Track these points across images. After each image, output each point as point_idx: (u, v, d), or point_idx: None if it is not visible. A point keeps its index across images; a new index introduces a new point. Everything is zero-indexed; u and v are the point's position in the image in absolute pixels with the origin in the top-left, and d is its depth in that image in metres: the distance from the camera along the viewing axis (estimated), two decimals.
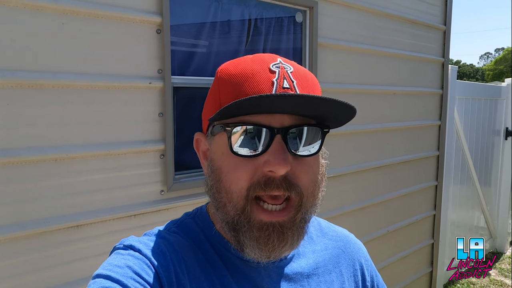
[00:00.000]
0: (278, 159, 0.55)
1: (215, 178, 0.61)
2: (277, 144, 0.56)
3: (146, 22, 1.60)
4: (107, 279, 0.54)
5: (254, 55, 0.64)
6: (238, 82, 0.58)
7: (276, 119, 0.57)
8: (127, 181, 1.59)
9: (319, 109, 0.56)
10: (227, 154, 0.59)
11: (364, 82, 2.64)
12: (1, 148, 1.31)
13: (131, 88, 1.58)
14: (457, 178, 4.21)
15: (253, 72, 0.59)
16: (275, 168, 0.55)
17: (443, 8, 3.29)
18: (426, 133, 3.30)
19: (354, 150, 2.63)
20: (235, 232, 0.59)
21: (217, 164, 0.61)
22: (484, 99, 4.65)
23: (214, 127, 0.62)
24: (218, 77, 0.63)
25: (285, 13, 2.17)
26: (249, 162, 0.57)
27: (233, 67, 0.62)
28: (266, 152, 0.56)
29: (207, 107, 0.65)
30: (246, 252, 0.59)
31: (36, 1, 1.34)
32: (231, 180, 0.58)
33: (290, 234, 0.58)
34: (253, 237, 0.57)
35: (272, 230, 0.57)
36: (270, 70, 0.59)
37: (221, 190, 0.59)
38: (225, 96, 0.59)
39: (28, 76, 1.34)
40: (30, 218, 1.37)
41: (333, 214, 2.42)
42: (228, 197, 0.58)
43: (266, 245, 0.57)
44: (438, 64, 3.33)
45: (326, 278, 0.70)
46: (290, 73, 0.59)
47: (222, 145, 0.60)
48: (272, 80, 0.57)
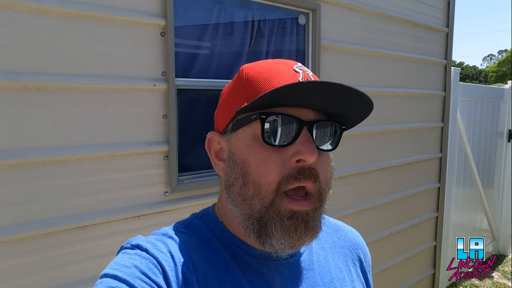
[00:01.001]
0: (309, 148, 0.58)
1: (240, 172, 0.61)
2: (305, 135, 0.59)
3: (150, 24, 1.61)
4: (114, 279, 0.55)
5: (275, 59, 0.66)
6: (266, 77, 0.61)
7: (303, 113, 0.60)
8: (131, 182, 1.60)
9: (345, 102, 0.60)
10: (253, 147, 0.60)
11: (367, 84, 2.65)
12: (7, 149, 1.33)
13: (135, 90, 1.59)
14: (460, 180, 4.20)
15: (279, 71, 0.61)
16: (306, 156, 0.58)
17: (445, 10, 3.29)
18: (428, 135, 3.30)
19: (357, 152, 2.64)
20: (261, 225, 0.59)
21: (242, 157, 0.61)
22: (487, 101, 4.64)
23: (237, 121, 0.62)
24: (242, 74, 0.64)
25: (288, 15, 2.18)
26: (277, 155, 0.59)
27: (258, 66, 0.64)
28: (295, 143, 0.59)
29: (229, 104, 0.65)
30: (271, 244, 0.59)
31: (41, 5, 1.36)
32: (260, 173, 0.59)
33: (312, 224, 0.60)
34: (284, 226, 0.58)
35: (300, 218, 0.59)
36: (294, 70, 0.62)
37: (248, 183, 0.60)
38: (252, 91, 0.61)
39: (33, 79, 1.36)
40: (36, 218, 1.38)
41: (336, 216, 2.39)
42: (256, 190, 0.59)
43: (295, 233, 0.58)
44: (441, 66, 3.33)
45: (338, 275, 0.71)
46: (311, 75, 0.63)
47: (247, 137, 0.61)
48: (298, 78, 0.61)
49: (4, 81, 1.30)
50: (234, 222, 0.64)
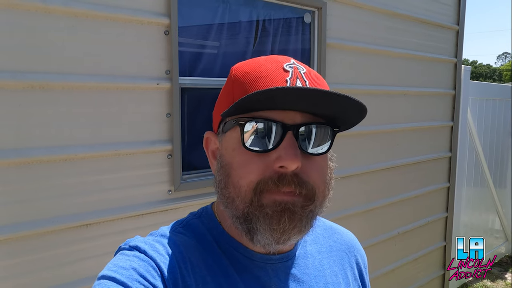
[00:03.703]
0: (290, 155, 0.56)
1: (224, 173, 0.61)
2: (289, 141, 0.57)
3: (154, 23, 1.62)
4: (112, 281, 0.54)
5: (268, 56, 0.64)
6: (252, 79, 0.59)
7: (289, 116, 0.57)
8: (135, 181, 1.61)
9: (332, 107, 0.57)
10: (238, 150, 0.59)
11: (374, 83, 2.62)
12: (13, 148, 1.34)
13: (139, 89, 1.60)
14: (470, 180, 4.14)
15: (267, 71, 0.59)
16: (287, 163, 0.55)
17: (456, 7, 3.24)
18: (438, 134, 3.26)
19: (364, 151, 2.62)
20: (248, 222, 0.58)
21: (227, 160, 0.61)
22: (499, 100, 4.56)
23: (226, 123, 0.62)
24: (232, 75, 0.63)
25: (294, 14, 2.17)
26: (260, 159, 0.57)
27: (247, 66, 0.62)
28: (277, 148, 0.57)
29: (219, 105, 0.65)
30: (258, 240, 0.58)
31: (47, 5, 1.37)
32: (240, 175, 0.58)
33: (299, 217, 0.57)
34: (268, 218, 0.56)
35: (284, 208, 0.56)
36: (284, 69, 0.59)
37: (229, 185, 0.59)
38: (238, 92, 0.60)
39: (39, 78, 1.37)
40: (40, 217, 1.40)
41: (343, 215, 2.40)
42: (236, 192, 0.58)
43: (278, 224, 0.56)
44: (451, 64, 3.28)
45: (333, 279, 0.70)
46: (303, 73, 0.60)
47: (233, 141, 0.60)
48: (285, 78, 0.58)
49: (10, 80, 1.32)
50: (229, 222, 0.64)
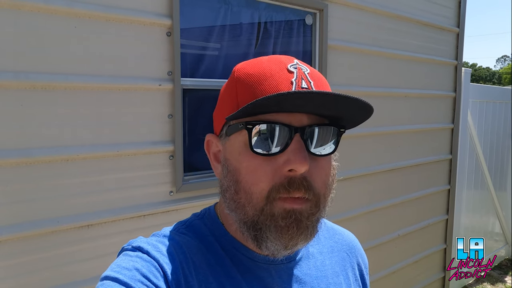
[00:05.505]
0: (299, 157, 0.55)
1: (232, 179, 0.60)
2: (297, 143, 0.56)
3: (157, 24, 1.62)
4: (115, 282, 0.54)
5: (270, 56, 0.63)
6: (257, 81, 0.58)
7: (296, 118, 0.57)
8: (136, 182, 1.61)
9: (338, 108, 0.57)
10: (245, 154, 0.58)
11: (375, 85, 2.63)
12: (14, 148, 1.34)
13: (141, 90, 1.60)
14: (470, 183, 4.14)
15: (272, 72, 0.59)
16: (296, 166, 0.55)
17: (456, 10, 3.25)
18: (438, 136, 3.26)
19: (365, 153, 2.62)
20: (257, 230, 0.58)
21: (234, 164, 0.60)
22: (500, 103, 4.57)
23: (230, 126, 0.61)
24: (234, 76, 0.62)
25: (295, 16, 2.18)
26: (268, 163, 0.57)
27: (250, 67, 0.61)
28: (286, 151, 0.56)
29: (222, 107, 0.64)
30: (267, 247, 0.58)
31: (49, 5, 1.37)
32: (251, 181, 0.57)
33: (305, 225, 0.58)
34: (278, 227, 0.56)
35: (293, 217, 0.57)
36: (288, 70, 0.59)
37: (239, 191, 0.59)
38: (243, 95, 0.59)
39: (41, 78, 1.37)
40: (42, 217, 1.40)
41: (344, 217, 2.40)
42: (248, 198, 0.58)
43: (286, 232, 0.56)
44: (451, 66, 3.28)
45: (335, 280, 0.70)
46: (307, 74, 0.59)
47: (239, 145, 0.59)
48: (291, 80, 0.58)
49: (12, 80, 1.32)
50: (233, 225, 0.63)
